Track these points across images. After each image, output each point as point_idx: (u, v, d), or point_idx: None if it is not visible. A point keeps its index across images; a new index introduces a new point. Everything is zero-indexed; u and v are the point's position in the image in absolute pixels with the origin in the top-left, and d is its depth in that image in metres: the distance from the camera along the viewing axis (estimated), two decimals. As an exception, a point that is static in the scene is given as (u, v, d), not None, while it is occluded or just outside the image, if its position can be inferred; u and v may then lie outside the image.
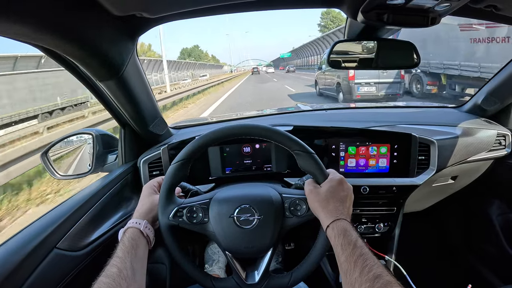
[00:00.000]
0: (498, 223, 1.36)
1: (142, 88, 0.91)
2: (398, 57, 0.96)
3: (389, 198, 1.10)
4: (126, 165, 1.07)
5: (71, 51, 0.65)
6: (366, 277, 0.49)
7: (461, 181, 1.30)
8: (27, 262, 0.64)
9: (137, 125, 1.01)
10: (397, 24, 0.76)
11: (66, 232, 0.75)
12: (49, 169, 1.09)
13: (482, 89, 1.31)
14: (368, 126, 1.13)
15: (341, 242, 0.57)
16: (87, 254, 0.80)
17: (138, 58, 0.84)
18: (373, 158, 1.08)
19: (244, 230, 0.68)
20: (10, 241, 0.67)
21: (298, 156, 0.69)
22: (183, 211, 0.70)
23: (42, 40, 0.59)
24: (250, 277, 0.70)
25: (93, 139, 1.09)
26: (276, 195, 0.72)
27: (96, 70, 0.74)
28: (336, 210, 0.62)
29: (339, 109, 1.71)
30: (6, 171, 3.79)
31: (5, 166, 3.80)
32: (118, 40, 0.71)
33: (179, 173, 0.70)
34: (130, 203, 1.04)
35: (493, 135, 1.21)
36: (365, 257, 0.52)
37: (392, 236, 1.17)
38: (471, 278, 0.98)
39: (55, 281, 0.70)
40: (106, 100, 0.92)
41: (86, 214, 0.83)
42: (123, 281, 0.53)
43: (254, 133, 0.70)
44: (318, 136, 1.10)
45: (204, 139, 0.70)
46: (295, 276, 0.68)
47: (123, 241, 0.62)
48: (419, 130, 1.12)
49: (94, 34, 0.64)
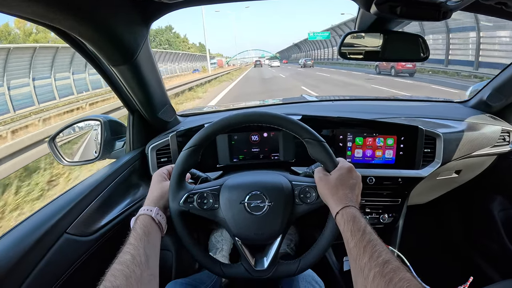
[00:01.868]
0: (500, 218, 1.38)
1: (154, 75, 0.91)
2: (408, 50, 0.96)
3: (394, 189, 1.11)
4: (134, 152, 1.07)
5: (86, 33, 0.65)
6: (375, 262, 0.49)
7: (464, 176, 1.31)
8: (38, 247, 0.65)
9: (146, 111, 1.01)
10: (409, 17, 0.76)
11: (76, 218, 0.76)
12: (56, 155, 1.10)
13: (488, 85, 1.31)
14: (375, 117, 1.13)
15: (351, 228, 0.57)
16: (96, 240, 0.81)
17: (150, 44, 0.84)
18: (380, 149, 1.09)
19: (255, 216, 0.69)
20: (20, 225, 0.68)
21: (308, 144, 0.69)
22: (194, 197, 0.70)
23: (57, 21, 0.59)
24: (259, 263, 0.70)
25: (101, 126, 1.09)
26: (286, 183, 0.72)
27: (110, 55, 0.75)
28: (345, 197, 0.63)
29: (346, 101, 1.71)
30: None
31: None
32: (133, 25, 0.71)
33: (190, 159, 0.70)
34: (138, 190, 1.05)
35: (498, 131, 1.21)
36: (374, 243, 0.53)
37: (396, 228, 1.18)
38: (471, 272, 0.99)
39: (65, 265, 0.71)
40: (117, 86, 0.92)
41: (95, 200, 0.84)
42: (137, 268, 0.53)
43: (266, 120, 0.70)
44: (325, 126, 1.11)
45: (215, 125, 0.70)
46: (303, 263, 0.68)
47: (135, 229, 0.62)
48: (425, 123, 1.13)
49: (109, 17, 0.64)
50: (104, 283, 0.49)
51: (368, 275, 0.48)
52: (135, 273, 0.53)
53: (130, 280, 0.51)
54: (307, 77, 17.89)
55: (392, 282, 0.45)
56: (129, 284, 0.50)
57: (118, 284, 0.49)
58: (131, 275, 0.52)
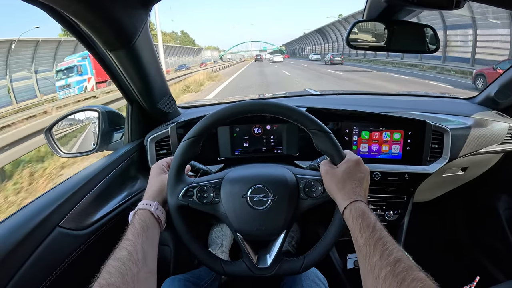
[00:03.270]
0: (505, 217, 1.36)
1: (153, 63, 0.87)
2: (418, 41, 0.94)
3: (400, 186, 1.08)
4: (133, 143, 1.04)
5: (81, 14, 0.61)
6: (386, 261, 0.47)
7: (470, 173, 1.29)
8: (29, 240, 0.63)
9: (146, 101, 0.98)
10: (421, 4, 0.74)
11: (70, 211, 0.74)
12: (53, 147, 1.07)
13: (496, 81, 1.29)
14: (382, 111, 1.10)
15: (360, 224, 0.55)
16: (91, 234, 0.78)
17: (150, 30, 0.80)
18: (386, 144, 1.06)
19: (257, 211, 0.66)
20: (12, 217, 0.66)
21: (314, 135, 0.66)
22: (193, 190, 0.67)
23: (52, 0, 0.56)
24: (262, 261, 0.67)
25: (99, 116, 1.06)
26: (290, 176, 0.70)
27: (107, 38, 0.71)
28: (353, 191, 0.60)
29: (351, 94, 1.68)
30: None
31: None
32: (131, 7, 0.67)
33: (190, 150, 0.67)
34: (135, 182, 1.02)
35: (505, 128, 1.19)
36: (385, 240, 0.51)
37: (401, 225, 1.15)
38: (476, 271, 0.97)
39: (58, 260, 0.69)
40: (115, 73, 0.88)
41: (90, 192, 0.81)
42: (133, 265, 0.51)
43: (269, 110, 0.67)
44: (331, 119, 1.08)
45: (216, 115, 0.67)
46: (308, 261, 0.66)
47: (133, 224, 0.60)
48: (433, 118, 1.10)
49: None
50: (99, 280, 0.47)
51: (379, 275, 0.46)
52: (131, 270, 0.50)
53: (126, 278, 0.49)
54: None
55: (404, 283, 0.43)
56: (125, 282, 0.48)
57: (113, 281, 0.47)
58: (127, 273, 0.49)
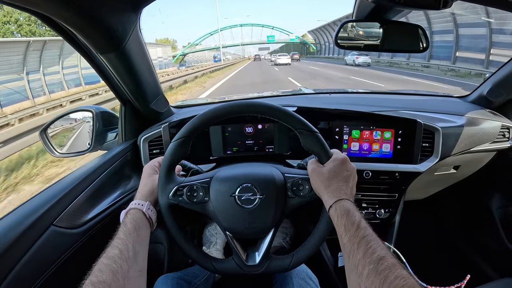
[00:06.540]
0: (498, 215, 1.36)
1: (145, 64, 0.88)
2: (407, 41, 0.94)
3: (391, 184, 1.09)
4: (126, 143, 1.05)
5: (71, 19, 0.62)
6: (369, 259, 0.47)
7: (463, 171, 1.30)
8: (24, 239, 0.64)
9: (138, 101, 0.99)
10: (409, 4, 0.74)
11: (64, 210, 0.75)
12: (48, 147, 1.08)
13: (489, 79, 1.29)
14: (373, 110, 1.11)
15: (344, 222, 0.55)
16: (84, 232, 0.79)
17: (141, 32, 0.81)
18: (377, 142, 1.06)
19: (245, 209, 0.67)
20: (6, 217, 0.67)
21: (301, 135, 0.67)
22: (183, 190, 0.68)
23: (41, 7, 0.57)
24: (251, 258, 0.69)
25: (93, 116, 1.07)
26: (278, 175, 0.71)
27: (97, 42, 0.72)
28: (339, 190, 0.61)
29: (343, 93, 1.68)
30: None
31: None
32: (121, 10, 0.68)
33: (179, 150, 0.68)
34: (129, 181, 1.03)
35: (498, 126, 1.19)
36: (369, 238, 0.51)
37: (393, 223, 1.16)
38: (469, 269, 0.98)
39: (52, 259, 0.70)
40: (107, 75, 0.89)
41: (84, 191, 0.82)
42: (124, 263, 0.52)
43: (256, 110, 0.68)
44: (322, 118, 1.09)
45: (205, 116, 0.68)
46: (296, 258, 0.67)
47: (125, 223, 0.61)
48: (423, 117, 1.11)
49: (95, 2, 0.61)
50: (91, 278, 0.48)
51: (362, 272, 0.47)
52: (122, 268, 0.51)
53: (117, 275, 0.50)
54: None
55: (387, 280, 0.43)
56: (116, 280, 0.49)
57: (104, 279, 0.48)
58: (118, 270, 0.50)
